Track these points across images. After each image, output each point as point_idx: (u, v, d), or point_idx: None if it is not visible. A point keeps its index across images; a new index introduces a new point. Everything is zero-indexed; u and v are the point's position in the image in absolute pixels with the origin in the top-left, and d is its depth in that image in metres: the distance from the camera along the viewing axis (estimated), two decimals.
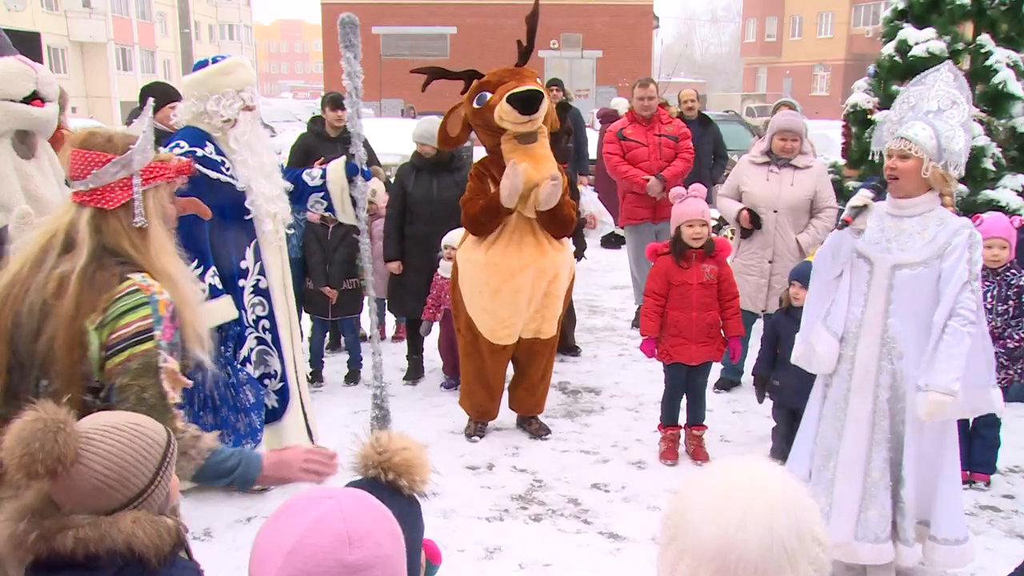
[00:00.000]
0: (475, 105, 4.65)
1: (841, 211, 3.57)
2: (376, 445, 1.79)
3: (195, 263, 3.85)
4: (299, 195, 4.40)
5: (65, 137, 6.16)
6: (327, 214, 4.57)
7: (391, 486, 1.75)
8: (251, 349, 4.13)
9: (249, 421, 3.97)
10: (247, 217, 4.03)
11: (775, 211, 5.40)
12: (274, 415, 4.24)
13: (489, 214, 4.65)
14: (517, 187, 4.48)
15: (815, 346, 3.49)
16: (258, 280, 4.12)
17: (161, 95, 5.36)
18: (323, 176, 4.41)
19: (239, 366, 4.01)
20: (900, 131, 3.28)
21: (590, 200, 7.50)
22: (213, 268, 3.93)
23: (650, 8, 33.93)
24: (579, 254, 6.76)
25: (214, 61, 4.06)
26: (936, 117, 3.32)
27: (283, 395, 4.26)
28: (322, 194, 4.40)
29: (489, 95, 4.58)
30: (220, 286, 3.95)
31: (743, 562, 1.07)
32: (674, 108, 8.10)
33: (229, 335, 3.99)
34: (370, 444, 1.80)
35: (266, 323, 4.17)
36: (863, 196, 3.26)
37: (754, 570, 1.07)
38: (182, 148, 3.88)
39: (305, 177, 4.41)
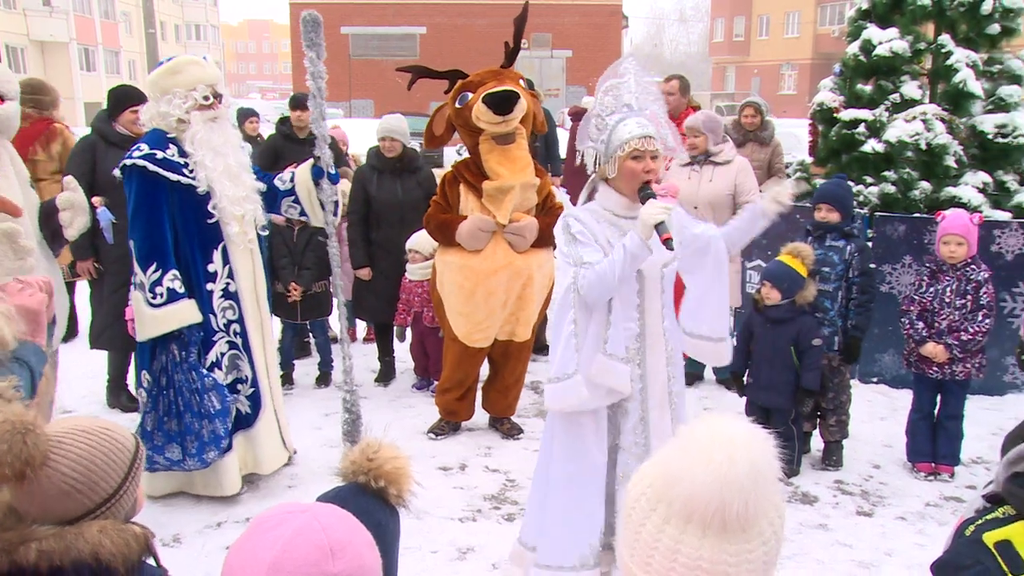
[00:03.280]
0: (457, 105, 4.66)
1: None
2: (367, 451, 1.78)
3: (153, 267, 3.85)
4: (272, 199, 4.36)
5: (59, 132, 6.11)
6: (302, 219, 4.53)
7: (379, 494, 1.74)
8: (222, 354, 4.07)
9: (213, 428, 3.91)
10: (211, 220, 3.98)
11: (695, 207, 5.46)
12: (247, 421, 4.20)
13: (445, 235, 4.71)
14: (477, 240, 4.55)
15: (605, 380, 3.06)
16: (227, 284, 4.06)
17: (123, 98, 5.31)
18: (292, 179, 4.38)
19: (205, 372, 3.96)
20: (646, 129, 3.02)
21: (562, 200, 7.51)
22: (174, 272, 3.88)
23: (619, 8, 34.11)
24: None
25: (168, 61, 4.02)
26: (637, 113, 3.09)
27: (255, 400, 4.22)
28: (293, 198, 4.36)
29: (470, 95, 4.60)
30: (181, 290, 3.89)
31: (740, 493, 1.11)
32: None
33: (192, 340, 3.94)
34: (360, 450, 1.79)
35: (237, 327, 4.11)
36: (663, 209, 2.93)
37: (745, 500, 1.11)
38: (141, 151, 3.86)
39: (276, 182, 4.36)
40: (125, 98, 5.31)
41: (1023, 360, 4.61)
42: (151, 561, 1.70)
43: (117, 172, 3.98)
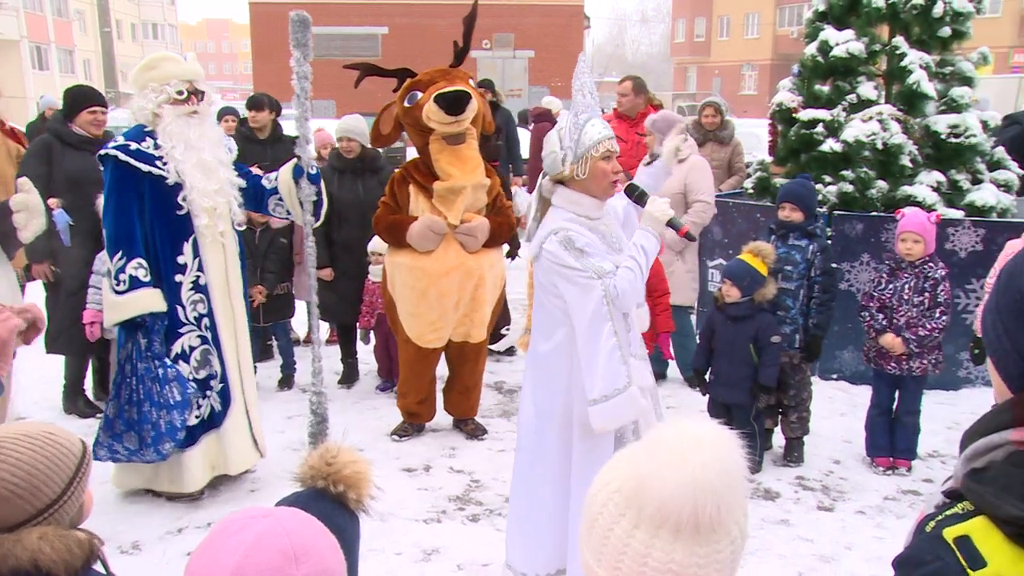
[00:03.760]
0: (406, 104, 4.64)
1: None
2: (326, 456, 1.77)
3: (119, 254, 3.89)
4: (259, 198, 4.36)
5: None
6: (288, 217, 4.52)
7: (338, 499, 1.73)
8: (191, 347, 4.06)
9: (170, 419, 3.89)
10: (181, 212, 3.98)
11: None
12: (217, 419, 4.17)
13: (395, 237, 4.69)
14: (428, 241, 4.53)
15: (636, 399, 3.00)
16: (197, 276, 4.06)
17: (80, 98, 5.22)
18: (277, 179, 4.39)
19: (169, 362, 3.95)
20: (609, 130, 3.04)
21: (523, 201, 7.53)
22: (138, 260, 3.90)
23: (581, 8, 34.23)
24: (512, 253, 6.78)
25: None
26: (597, 113, 3.11)
27: (225, 397, 4.18)
28: (279, 196, 4.36)
29: (420, 94, 4.58)
30: (145, 278, 3.90)
31: (712, 496, 1.11)
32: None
33: (155, 329, 3.93)
34: (319, 455, 1.78)
35: (207, 321, 4.10)
36: (668, 203, 3.05)
37: (717, 503, 1.12)
38: (116, 142, 3.96)
39: (264, 181, 4.37)
40: (82, 98, 5.22)
41: (976, 355, 4.73)
42: (99, 568, 1.66)
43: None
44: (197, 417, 4.07)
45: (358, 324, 5.92)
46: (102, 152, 3.99)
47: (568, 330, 3.08)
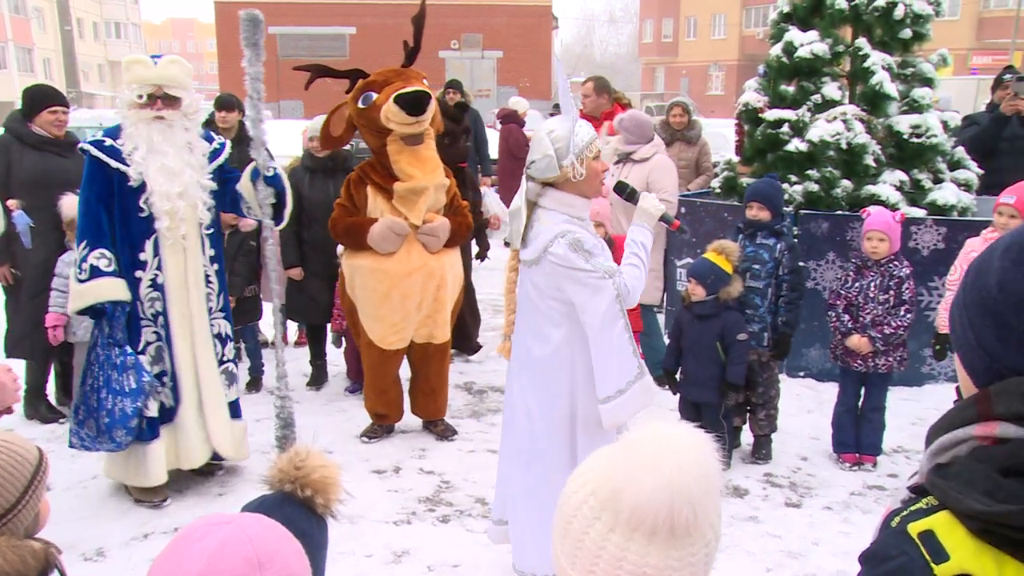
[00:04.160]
0: (360, 105, 4.59)
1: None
2: (295, 459, 1.75)
3: (84, 244, 3.99)
4: (234, 200, 4.33)
5: None
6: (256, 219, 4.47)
7: (306, 503, 1.71)
8: (148, 343, 4.12)
9: (123, 406, 3.91)
10: (142, 214, 4.02)
11: (611, 204, 5.54)
12: (169, 415, 4.21)
13: (354, 239, 4.65)
14: (390, 243, 4.51)
15: (650, 385, 3.11)
16: (156, 275, 4.10)
17: (40, 98, 5.13)
18: None
19: (129, 350, 3.99)
20: (593, 130, 3.09)
21: (493, 201, 7.52)
22: (101, 251, 3.98)
23: (549, 9, 34.30)
24: (483, 255, 6.78)
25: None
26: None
27: (176, 394, 4.22)
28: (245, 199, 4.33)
29: (375, 95, 4.54)
30: (107, 268, 3.97)
31: (689, 500, 1.11)
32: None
33: (115, 316, 3.98)
34: (288, 459, 1.76)
35: (163, 319, 4.14)
36: (657, 198, 3.19)
37: (693, 507, 1.12)
38: (96, 137, 4.09)
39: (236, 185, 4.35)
40: (42, 98, 5.13)
41: (938, 351, 4.81)
42: None
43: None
44: (157, 410, 4.13)
45: (330, 327, 5.87)
46: (81, 145, 4.15)
47: (567, 331, 3.09)
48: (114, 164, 3.98)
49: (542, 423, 3.20)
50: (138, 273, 4.06)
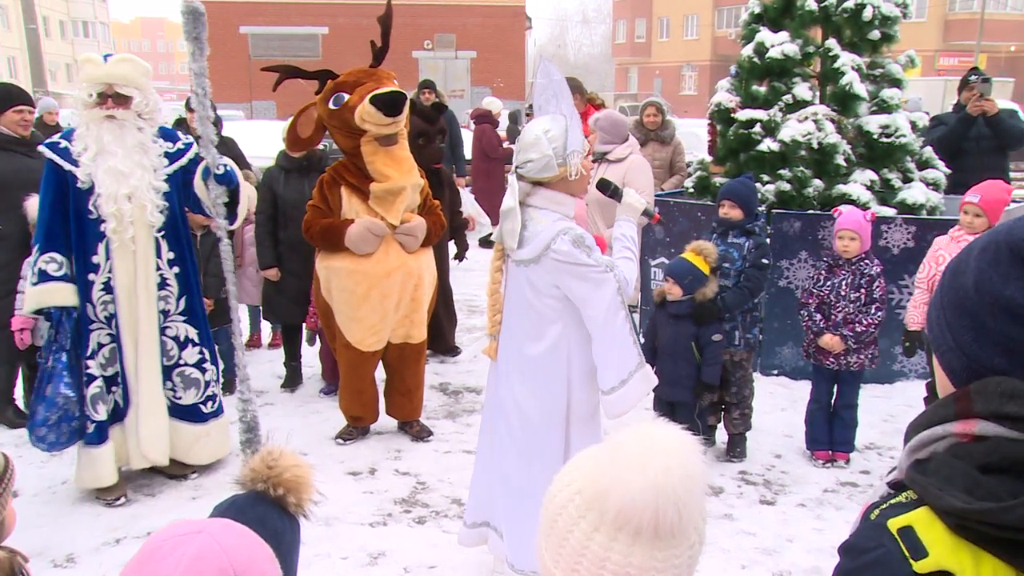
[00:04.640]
0: (331, 106, 4.54)
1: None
2: (267, 459, 1.74)
3: (37, 247, 4.01)
4: (198, 201, 4.29)
5: None
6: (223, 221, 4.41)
7: (278, 502, 1.70)
8: (101, 344, 4.14)
9: (47, 415, 3.97)
10: (92, 216, 4.02)
11: (587, 204, 5.57)
12: (121, 414, 4.23)
13: (330, 241, 4.62)
14: (368, 244, 4.50)
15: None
16: (108, 278, 4.09)
17: (5, 97, 5.06)
18: None
19: (63, 358, 3.99)
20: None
21: (468, 202, 7.51)
22: (50, 254, 3.98)
23: (522, 9, 34.31)
24: (461, 255, 6.77)
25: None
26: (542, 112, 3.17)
27: (125, 395, 4.23)
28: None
29: (347, 96, 4.49)
30: (56, 273, 3.97)
31: (675, 502, 1.12)
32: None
33: (61, 321, 3.98)
34: (260, 458, 1.74)
35: (115, 322, 4.14)
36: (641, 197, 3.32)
37: (678, 509, 1.12)
38: (52, 139, 4.10)
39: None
40: (7, 97, 5.06)
41: (908, 348, 4.87)
42: None
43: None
44: (105, 413, 4.16)
45: (304, 324, 5.82)
46: (39, 147, 4.16)
47: (562, 327, 3.12)
48: (66, 166, 3.97)
49: (540, 420, 3.21)
50: (91, 276, 4.05)
